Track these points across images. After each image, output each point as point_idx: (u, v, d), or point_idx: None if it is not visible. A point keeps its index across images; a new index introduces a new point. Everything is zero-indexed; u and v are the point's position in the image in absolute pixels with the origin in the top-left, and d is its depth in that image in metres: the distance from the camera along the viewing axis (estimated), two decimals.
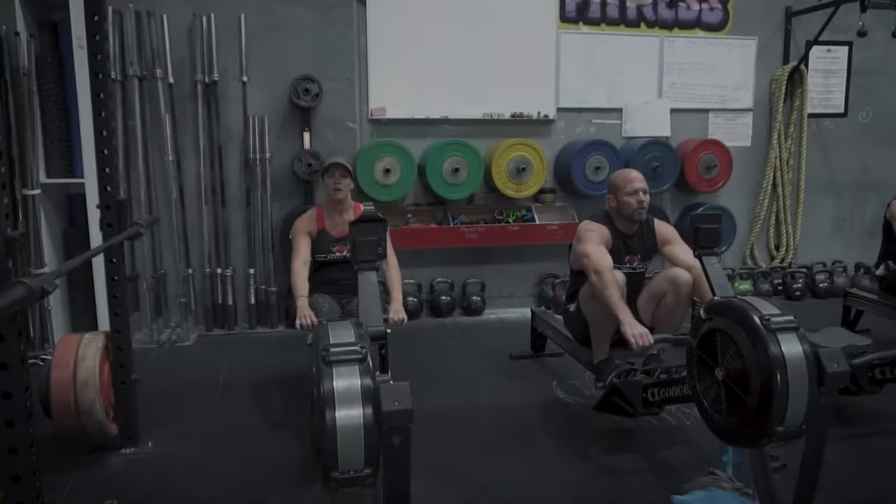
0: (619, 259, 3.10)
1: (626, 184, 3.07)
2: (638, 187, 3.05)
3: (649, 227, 3.20)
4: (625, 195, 3.07)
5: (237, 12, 4.35)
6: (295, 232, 3.44)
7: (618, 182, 3.10)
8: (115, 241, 2.42)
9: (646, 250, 3.22)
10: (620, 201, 3.09)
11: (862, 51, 5.55)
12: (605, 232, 3.08)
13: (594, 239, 3.01)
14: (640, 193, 3.04)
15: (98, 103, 2.57)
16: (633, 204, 3.05)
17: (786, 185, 5.51)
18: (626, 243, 3.16)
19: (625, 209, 3.08)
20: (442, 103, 4.83)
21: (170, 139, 4.31)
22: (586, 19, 5.03)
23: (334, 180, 3.41)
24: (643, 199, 3.05)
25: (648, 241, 3.20)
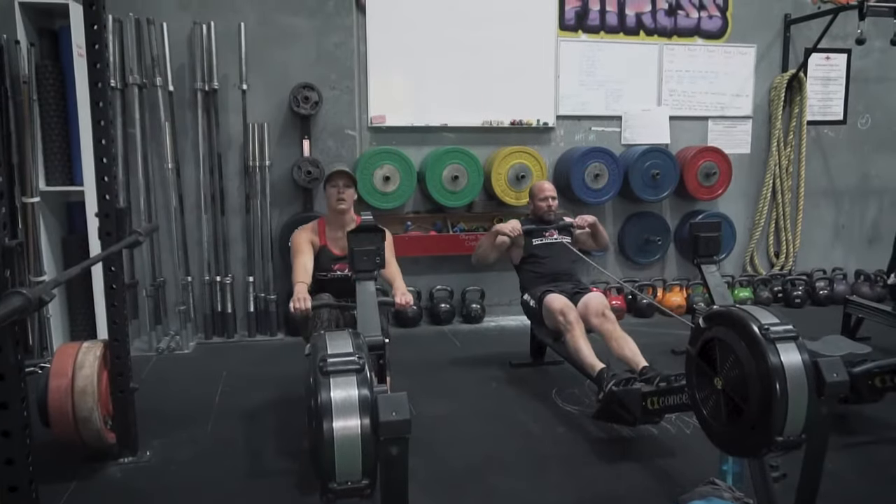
0: (540, 234, 3.83)
1: (539, 192, 3.87)
2: (547, 195, 3.84)
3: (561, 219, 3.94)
4: (538, 201, 3.85)
5: (237, 21, 4.36)
6: (296, 242, 3.26)
7: (534, 191, 3.94)
8: (114, 249, 2.41)
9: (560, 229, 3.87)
10: (535, 205, 3.89)
11: (860, 58, 5.56)
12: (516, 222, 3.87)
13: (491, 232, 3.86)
14: (549, 200, 3.83)
15: (97, 112, 2.57)
16: (543, 207, 3.84)
17: (785, 192, 5.51)
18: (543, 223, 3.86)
19: (538, 211, 3.88)
20: (441, 111, 4.84)
21: (169, 147, 4.31)
22: (585, 27, 5.04)
23: (338, 190, 3.22)
24: (551, 204, 3.84)
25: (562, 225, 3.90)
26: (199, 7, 4.38)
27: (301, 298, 2.88)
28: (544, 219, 3.86)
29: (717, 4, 5.26)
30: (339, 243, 3.26)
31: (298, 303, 2.85)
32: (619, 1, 5.08)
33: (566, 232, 3.85)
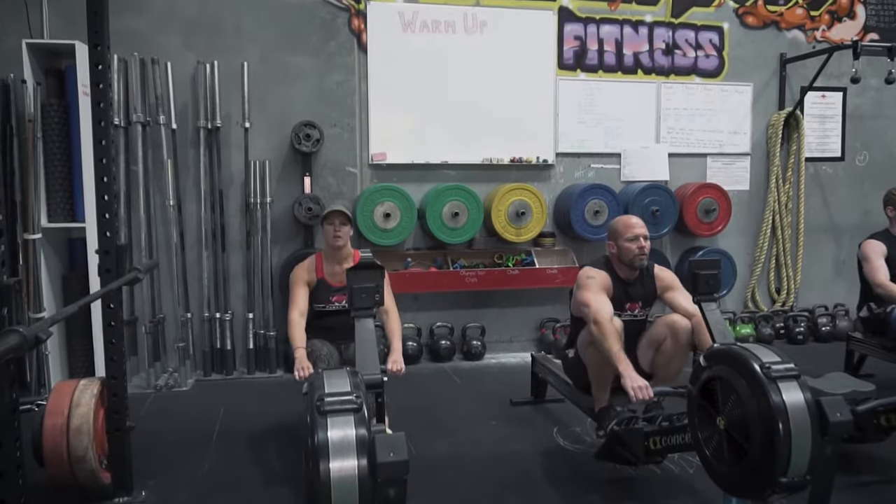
0: (620, 306, 3.08)
1: (626, 230, 3.04)
2: (639, 233, 3.03)
3: (650, 274, 3.18)
4: (625, 241, 3.04)
5: (240, 60, 4.43)
6: (293, 281, 3.34)
7: (618, 228, 3.08)
8: (113, 286, 2.41)
9: (646, 297, 3.19)
10: (621, 247, 3.06)
11: (856, 96, 5.62)
12: (606, 278, 3.05)
13: (594, 287, 2.98)
14: (641, 239, 3.02)
15: (100, 150, 2.60)
16: (633, 250, 3.02)
17: (785, 228, 5.52)
18: (627, 290, 3.13)
19: (625, 255, 3.05)
20: (442, 148, 4.88)
21: (171, 183, 4.34)
22: (584, 67, 5.11)
23: (334, 228, 3.32)
24: (644, 245, 3.02)
25: (649, 288, 3.17)
26: (203, 47, 4.45)
27: (303, 367, 2.96)
28: (634, 265, 3.06)
29: (713, 44, 5.34)
30: (337, 277, 3.35)
31: (301, 371, 2.94)
32: (617, 41, 5.16)
33: None
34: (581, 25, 5.09)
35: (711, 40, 5.34)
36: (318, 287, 3.35)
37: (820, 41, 5.52)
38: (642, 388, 2.57)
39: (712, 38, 5.34)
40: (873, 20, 5.65)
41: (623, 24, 5.17)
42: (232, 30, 4.52)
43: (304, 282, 3.34)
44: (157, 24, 4.40)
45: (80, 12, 2.50)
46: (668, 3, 5.23)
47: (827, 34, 5.56)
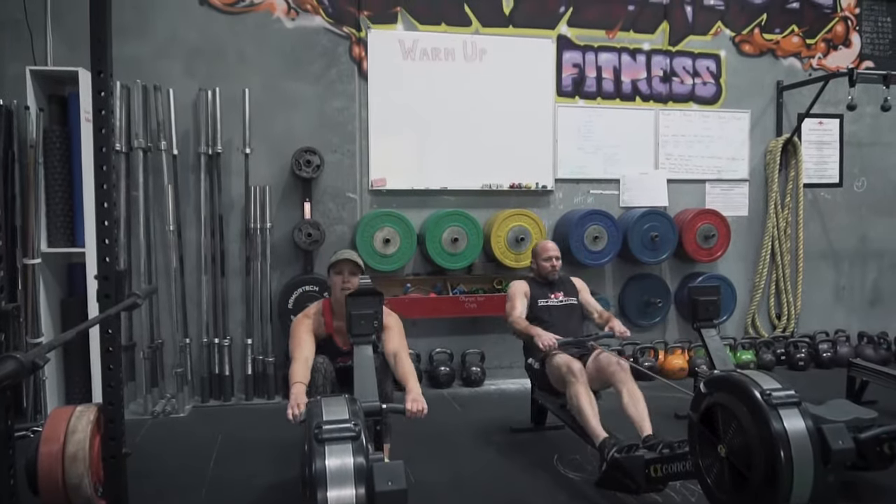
0: (545, 296, 3.74)
1: (543, 252, 3.81)
2: (552, 255, 3.79)
3: (567, 279, 3.91)
4: (542, 261, 3.79)
5: (242, 87, 4.47)
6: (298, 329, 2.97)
7: (537, 250, 3.87)
8: (111, 312, 2.40)
9: (566, 290, 3.83)
10: (539, 265, 3.82)
11: (853, 123, 5.66)
12: (524, 284, 3.80)
13: (512, 295, 3.75)
14: (553, 260, 3.78)
15: (101, 175, 2.60)
16: (547, 267, 3.78)
17: (784, 254, 5.53)
18: (550, 285, 3.81)
19: (542, 271, 3.80)
20: (441, 174, 4.90)
21: (171, 209, 4.35)
22: (582, 94, 5.16)
23: (342, 278, 3.01)
24: (555, 265, 3.79)
25: (568, 286, 3.86)
26: (205, 74, 4.49)
27: (298, 404, 2.53)
28: (548, 278, 3.80)
29: (710, 72, 5.40)
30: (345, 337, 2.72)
31: (296, 408, 2.51)
32: (615, 68, 5.21)
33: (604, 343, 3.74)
34: (579, 53, 5.15)
35: (709, 68, 5.39)
36: (326, 343, 3.04)
37: (816, 69, 5.57)
38: (548, 339, 3.31)
39: (709, 66, 5.40)
40: (868, 48, 5.71)
41: (621, 52, 5.22)
42: (234, 57, 4.57)
43: (311, 330, 2.98)
44: (159, 52, 4.45)
45: (84, 40, 2.52)
46: (665, 31, 5.30)
47: (823, 62, 5.61)
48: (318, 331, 3.01)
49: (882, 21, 5.72)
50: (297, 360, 2.84)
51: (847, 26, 5.67)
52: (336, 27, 4.73)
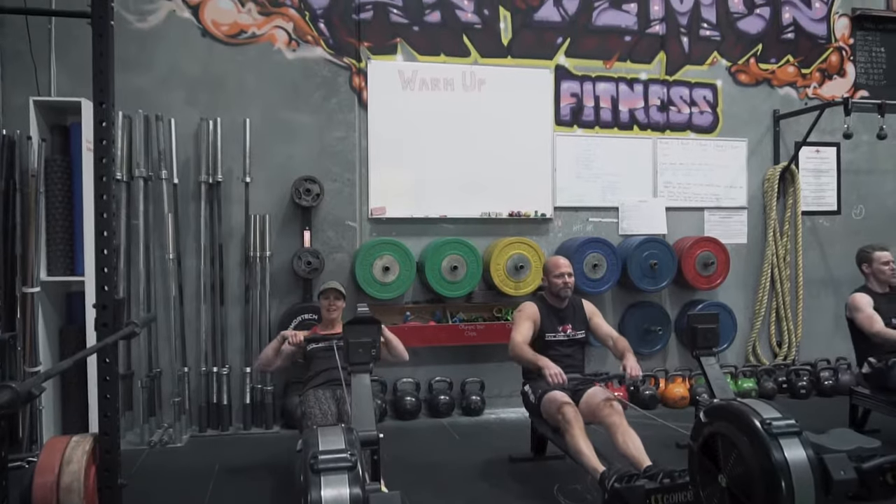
0: (554, 328, 3.61)
1: (555, 268, 3.68)
2: (564, 271, 3.66)
3: (578, 305, 3.76)
4: (554, 277, 3.66)
5: (243, 116, 4.51)
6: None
7: (549, 267, 3.73)
8: (109, 341, 2.40)
9: (576, 320, 3.69)
10: (550, 282, 3.68)
11: (849, 151, 5.70)
12: (534, 308, 3.63)
13: (518, 319, 3.60)
14: (566, 276, 3.64)
15: (101, 204, 2.61)
16: (559, 284, 3.63)
17: (784, 281, 5.53)
18: (559, 315, 3.67)
19: (553, 288, 3.66)
20: (441, 202, 4.92)
21: (171, 237, 4.37)
22: (580, 123, 5.20)
23: (329, 302, 3.84)
24: (568, 281, 3.64)
25: (579, 314, 3.72)
26: (206, 104, 4.54)
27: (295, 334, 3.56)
28: (561, 295, 3.65)
29: (707, 101, 5.45)
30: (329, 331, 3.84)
31: (293, 337, 3.53)
32: (613, 98, 5.27)
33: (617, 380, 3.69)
34: (577, 83, 5.20)
35: (705, 97, 5.45)
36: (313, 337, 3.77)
37: (812, 98, 5.63)
38: (557, 374, 3.17)
39: (706, 95, 5.45)
40: (863, 78, 5.77)
41: (618, 82, 5.28)
42: (235, 87, 4.62)
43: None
44: (162, 83, 4.50)
45: (87, 71, 2.56)
46: (662, 61, 5.36)
47: (818, 91, 5.67)
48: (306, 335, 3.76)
49: (876, 51, 5.80)
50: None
51: (841, 56, 5.74)
52: (336, 58, 4.79)
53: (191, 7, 4.58)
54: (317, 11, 4.75)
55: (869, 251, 4.31)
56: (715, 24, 5.47)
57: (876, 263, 4.23)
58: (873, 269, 4.23)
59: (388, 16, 4.86)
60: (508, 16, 5.08)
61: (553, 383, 3.20)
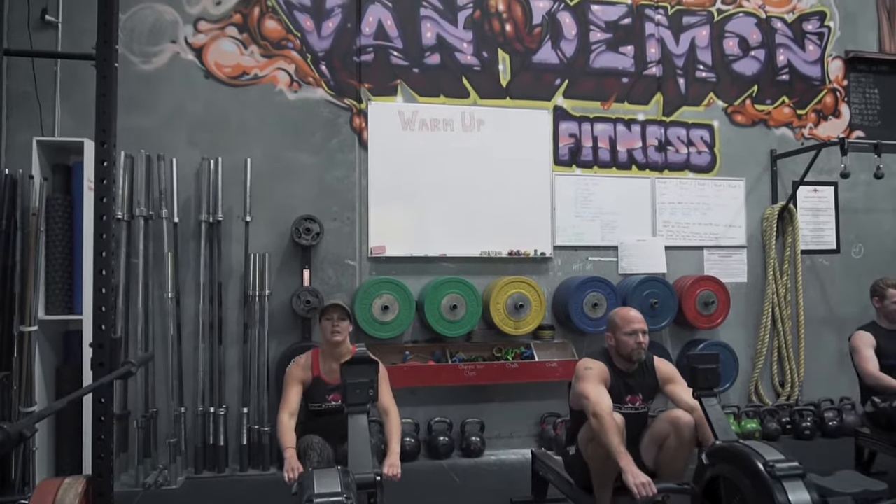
0: (620, 399, 3.05)
1: (625, 324, 3.06)
2: (637, 328, 3.04)
3: (649, 366, 3.17)
4: (624, 335, 3.06)
5: (244, 156, 4.56)
6: (288, 379, 3.24)
7: (617, 321, 3.10)
8: (104, 381, 2.37)
9: (647, 390, 3.17)
10: (619, 340, 3.07)
11: (847, 190, 5.73)
12: (605, 370, 3.05)
13: (593, 378, 2.97)
14: (640, 334, 3.03)
15: (100, 243, 2.62)
16: (631, 344, 3.03)
17: (785, 320, 5.50)
18: (627, 382, 3.11)
19: (623, 349, 3.06)
20: (440, 241, 4.93)
21: (171, 276, 4.36)
22: (579, 162, 5.24)
23: (332, 322, 3.24)
24: (642, 341, 3.03)
25: (649, 380, 3.16)
26: (208, 143, 4.59)
27: (294, 468, 2.74)
28: (633, 358, 3.07)
29: (704, 141, 5.50)
30: (334, 374, 3.16)
31: (291, 472, 2.69)
32: (611, 138, 5.32)
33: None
34: (575, 123, 5.26)
35: (703, 137, 5.50)
36: (314, 385, 3.23)
37: (808, 138, 5.69)
38: (645, 485, 2.47)
39: (703, 136, 5.51)
40: (858, 118, 5.84)
41: (616, 122, 5.34)
42: (237, 128, 4.67)
43: (299, 380, 3.22)
44: (164, 123, 4.55)
45: (91, 111, 2.59)
46: (659, 102, 5.43)
47: (814, 131, 5.73)
48: (306, 377, 3.23)
49: (869, 92, 5.87)
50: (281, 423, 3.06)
51: (836, 97, 5.81)
52: (337, 99, 4.85)
53: (194, 50, 4.66)
54: (318, 54, 4.84)
55: (883, 287, 4.25)
56: (711, 66, 5.56)
57: (888, 301, 4.20)
58: (884, 305, 4.22)
59: (389, 58, 4.95)
60: (507, 58, 5.16)
61: (639, 497, 2.48)
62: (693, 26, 5.54)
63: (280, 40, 4.78)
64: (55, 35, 4.42)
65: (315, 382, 3.23)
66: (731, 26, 5.63)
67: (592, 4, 5.34)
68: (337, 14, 4.88)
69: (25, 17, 4.24)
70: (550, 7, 5.27)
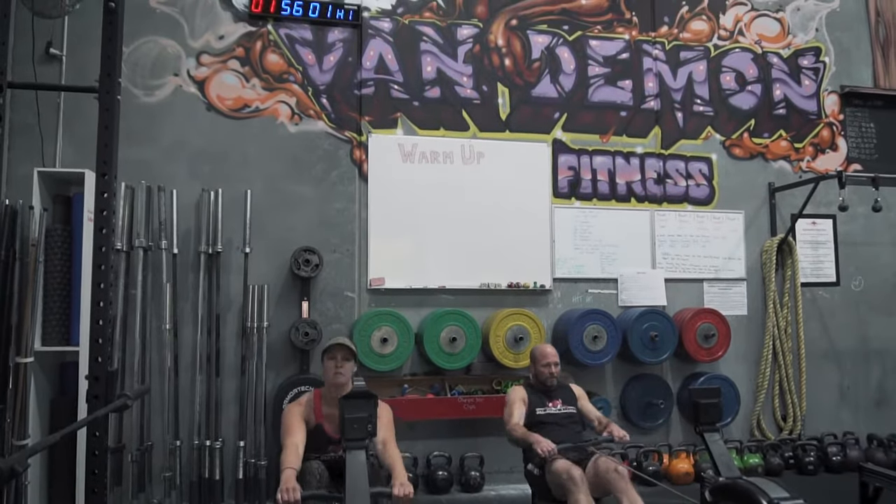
0: (543, 404, 3.70)
1: (542, 357, 3.77)
2: (550, 361, 3.75)
3: (565, 385, 3.87)
4: (541, 367, 3.75)
5: (245, 188, 4.57)
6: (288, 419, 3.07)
7: (536, 355, 3.83)
8: (99, 414, 2.34)
9: (565, 397, 3.78)
10: (538, 371, 3.78)
11: (846, 223, 5.74)
12: (522, 390, 3.78)
13: (510, 401, 3.72)
14: (552, 366, 3.74)
15: (98, 275, 2.61)
16: (545, 373, 3.74)
17: (786, 353, 5.47)
18: (548, 393, 3.76)
19: (540, 377, 3.77)
20: (440, 273, 4.92)
21: (169, 307, 4.34)
22: (578, 195, 5.26)
23: (335, 363, 3.10)
24: (553, 371, 3.75)
25: (567, 393, 3.82)
26: (209, 175, 4.60)
27: (289, 489, 2.60)
28: (546, 384, 3.76)
29: (702, 174, 5.53)
30: (336, 424, 2.89)
31: (286, 493, 2.58)
32: (610, 171, 5.34)
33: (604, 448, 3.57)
34: (574, 156, 5.29)
35: (701, 170, 5.53)
36: (316, 433, 3.06)
37: (806, 171, 5.72)
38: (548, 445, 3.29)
39: (702, 169, 5.53)
40: (855, 152, 5.88)
41: (615, 156, 5.37)
42: (238, 159, 4.69)
43: (303, 417, 3.06)
44: (166, 154, 4.57)
45: (93, 143, 2.61)
46: (657, 135, 5.47)
47: (812, 164, 5.76)
48: (308, 419, 3.08)
49: (865, 126, 5.92)
50: (287, 446, 2.93)
51: (832, 131, 5.86)
52: (338, 132, 4.88)
53: (197, 82, 4.70)
54: (319, 87, 4.88)
55: None
56: (708, 100, 5.61)
57: None
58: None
59: (389, 91, 4.99)
60: (506, 92, 5.21)
61: (543, 453, 3.28)
62: (690, 61, 5.61)
63: (282, 73, 4.83)
64: (59, 68, 4.46)
65: (317, 430, 3.07)
66: (728, 61, 5.70)
67: (591, 39, 5.41)
68: (338, 48, 4.94)
69: (30, 50, 4.29)
70: (549, 42, 5.33)
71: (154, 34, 4.67)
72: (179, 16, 4.72)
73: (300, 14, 4.85)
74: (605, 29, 5.46)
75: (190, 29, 4.73)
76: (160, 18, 4.68)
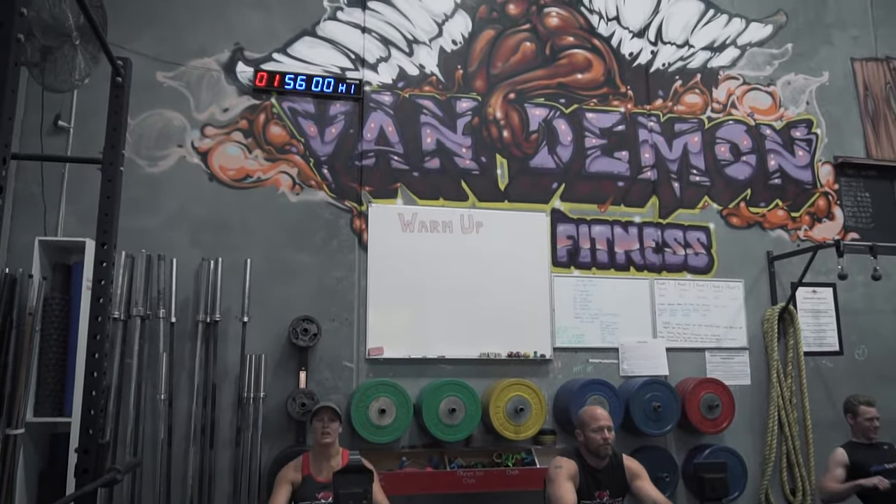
0: (590, 495, 3.32)
1: (592, 421, 3.39)
2: (603, 424, 3.36)
3: (618, 462, 3.45)
4: (591, 431, 3.37)
5: (244, 256, 4.58)
6: (278, 480, 3.28)
7: (585, 419, 3.42)
8: (88, 489, 2.29)
9: (615, 485, 3.37)
10: (588, 437, 3.38)
11: (846, 291, 5.73)
12: (574, 467, 3.34)
13: (562, 476, 3.28)
14: (605, 431, 3.35)
15: (93, 345, 2.60)
16: (598, 440, 3.34)
17: (792, 424, 5.36)
18: (596, 478, 3.36)
19: (591, 444, 3.37)
20: (439, 343, 4.88)
21: (164, 377, 4.29)
22: (577, 264, 5.28)
23: (322, 424, 3.39)
24: (608, 437, 3.34)
25: (618, 476, 3.41)
26: (209, 244, 4.62)
27: None
28: (599, 453, 3.37)
29: (701, 243, 5.56)
30: (323, 472, 3.30)
31: None
32: (608, 240, 5.37)
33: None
34: (573, 226, 5.33)
35: (699, 239, 5.56)
36: (304, 484, 3.27)
37: (804, 240, 5.75)
38: None
39: (700, 238, 5.57)
40: (851, 221, 5.92)
41: (613, 225, 5.41)
42: (238, 228, 4.72)
43: (288, 481, 3.26)
44: (167, 223, 4.61)
45: (96, 212, 2.63)
46: (655, 205, 5.52)
47: (809, 233, 5.80)
48: (296, 478, 3.33)
49: (861, 196, 5.99)
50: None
51: (829, 200, 5.92)
52: (338, 201, 4.94)
53: (200, 153, 4.79)
54: (321, 158, 4.97)
55: (855, 404, 4.51)
56: (704, 171, 5.69)
57: (861, 417, 4.47)
58: (857, 422, 4.44)
59: (390, 162, 5.08)
60: (505, 163, 5.30)
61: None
62: (685, 132, 5.72)
63: (284, 145, 4.93)
64: (66, 139, 4.55)
65: (305, 481, 3.30)
66: (722, 133, 5.81)
67: (587, 112, 5.54)
68: (340, 120, 5.05)
69: (39, 122, 4.39)
70: (546, 115, 5.46)
71: (160, 107, 4.78)
72: (185, 89, 4.85)
73: (303, 88, 4.98)
74: (601, 102, 5.60)
75: (195, 102, 4.85)
76: (166, 92, 4.81)
